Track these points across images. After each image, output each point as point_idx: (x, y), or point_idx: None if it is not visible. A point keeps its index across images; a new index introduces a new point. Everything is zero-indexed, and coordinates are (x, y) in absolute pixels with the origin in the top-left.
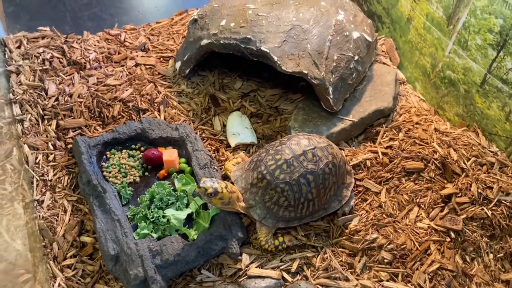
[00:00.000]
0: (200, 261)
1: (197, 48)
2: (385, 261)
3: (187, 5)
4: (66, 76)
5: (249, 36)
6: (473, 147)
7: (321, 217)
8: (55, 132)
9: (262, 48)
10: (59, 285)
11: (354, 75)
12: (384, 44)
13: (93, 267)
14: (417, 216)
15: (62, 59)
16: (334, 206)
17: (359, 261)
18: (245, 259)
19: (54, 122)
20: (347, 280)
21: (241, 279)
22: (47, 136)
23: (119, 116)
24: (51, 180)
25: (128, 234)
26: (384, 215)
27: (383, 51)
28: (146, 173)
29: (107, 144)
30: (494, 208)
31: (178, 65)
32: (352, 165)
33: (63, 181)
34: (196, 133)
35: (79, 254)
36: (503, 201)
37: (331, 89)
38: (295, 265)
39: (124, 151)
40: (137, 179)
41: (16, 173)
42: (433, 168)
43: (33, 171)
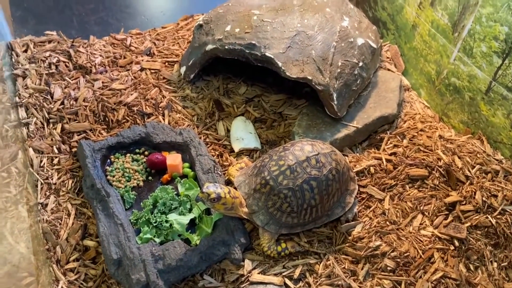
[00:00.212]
0: (202, 266)
1: (202, 53)
2: (388, 268)
3: (193, 11)
4: (72, 80)
5: (253, 42)
6: (478, 155)
7: (324, 223)
8: (60, 135)
9: (267, 54)
10: None
11: (358, 81)
12: (389, 50)
13: (96, 271)
14: (420, 224)
15: (68, 63)
16: (337, 212)
17: (362, 269)
18: (248, 265)
19: (59, 126)
20: (350, 287)
21: (243, 285)
22: (52, 140)
23: (124, 120)
24: (55, 184)
25: (131, 238)
26: (387, 222)
27: (388, 57)
28: (150, 178)
29: (111, 148)
30: (498, 216)
31: (183, 70)
32: (355, 171)
33: (67, 184)
34: (200, 138)
35: (82, 258)
36: (507, 209)
37: (335, 95)
38: (297, 271)
39: (128, 155)
40: (141, 183)
41: (21, 176)
42: (437, 175)
43: (37, 174)
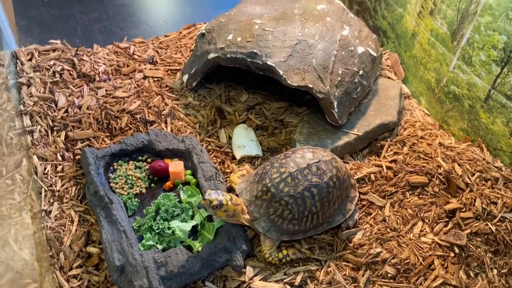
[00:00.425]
0: (204, 273)
1: (204, 62)
2: (389, 275)
3: (195, 19)
4: (76, 88)
5: (255, 51)
6: (478, 162)
7: (325, 230)
8: (63, 143)
9: (268, 62)
10: None
11: (359, 89)
12: (389, 58)
13: (99, 277)
14: (421, 231)
15: (72, 71)
16: (338, 219)
17: (362, 275)
18: (249, 271)
19: (63, 134)
20: None
21: None
22: (56, 147)
23: (127, 128)
24: (59, 191)
25: (134, 245)
26: (388, 229)
27: (388, 65)
28: (152, 185)
29: (114, 155)
30: (498, 223)
31: (186, 78)
32: (356, 178)
33: (70, 191)
34: (202, 145)
35: (85, 265)
36: (507, 217)
37: (336, 103)
38: (298, 278)
39: (131, 162)
40: (143, 190)
41: (25, 183)
42: (437, 182)
43: (41, 181)
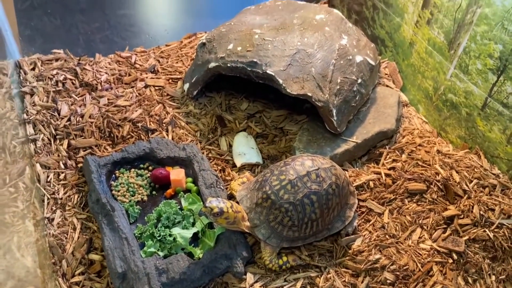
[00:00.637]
0: (205, 279)
1: (205, 71)
2: (388, 281)
3: (196, 29)
4: (78, 97)
5: (255, 60)
6: (475, 169)
7: (324, 237)
8: (66, 151)
9: (268, 71)
10: None
11: (357, 98)
12: (387, 67)
13: (101, 284)
14: (419, 237)
15: (75, 80)
16: (337, 226)
17: (362, 282)
18: (250, 278)
19: (65, 142)
20: None
21: None
22: (58, 155)
23: (129, 136)
24: (61, 199)
25: (136, 252)
26: (387, 236)
27: (386, 74)
28: (154, 192)
29: (116, 163)
30: (496, 230)
31: (186, 86)
32: (355, 186)
33: (73, 199)
34: (203, 153)
35: (87, 272)
36: (505, 223)
37: (334, 111)
38: (298, 284)
39: (133, 170)
40: (145, 198)
41: (28, 191)
42: (435, 189)
43: (44, 189)
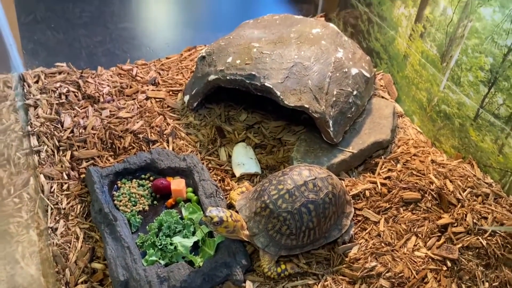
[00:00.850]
0: (205, 287)
1: (205, 83)
2: None
3: (196, 42)
4: (81, 109)
5: (253, 73)
6: (469, 179)
7: (322, 245)
8: (69, 162)
9: (266, 84)
10: None
11: (353, 109)
12: (382, 79)
13: None
14: (414, 245)
15: (78, 93)
16: (334, 234)
17: None
18: (249, 286)
19: (68, 153)
20: None
21: None
22: (62, 166)
23: (130, 147)
24: (64, 209)
25: (137, 260)
26: (382, 244)
27: (381, 85)
28: (155, 202)
29: (118, 174)
30: (489, 237)
31: (187, 98)
32: (352, 195)
33: (76, 209)
34: (203, 163)
35: (90, 280)
36: (498, 231)
37: (331, 122)
38: None
39: (134, 180)
40: (146, 207)
41: (32, 201)
42: (430, 198)
43: (48, 199)
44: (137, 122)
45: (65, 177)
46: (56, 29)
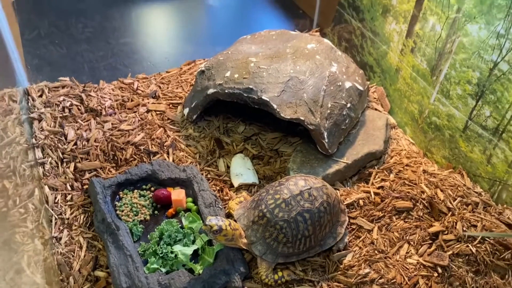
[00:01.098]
0: None
1: (204, 96)
2: None
3: (195, 56)
4: (84, 122)
5: (251, 86)
6: (459, 188)
7: (317, 253)
8: (73, 174)
9: (263, 97)
10: None
11: (347, 121)
12: (375, 91)
13: None
14: (407, 252)
15: (80, 106)
16: (329, 242)
17: None
18: None
19: (72, 165)
20: None
21: None
22: (65, 178)
23: (132, 159)
24: (68, 219)
25: (139, 268)
26: (376, 251)
27: (375, 98)
28: (156, 212)
29: (120, 184)
30: (478, 245)
31: (186, 111)
32: (346, 204)
33: (79, 219)
34: (202, 174)
35: None
36: (487, 239)
37: (326, 133)
38: None
39: (136, 191)
40: (148, 217)
41: (37, 212)
42: (421, 207)
43: (52, 210)
44: (138, 134)
45: (69, 188)
46: (60, 44)
